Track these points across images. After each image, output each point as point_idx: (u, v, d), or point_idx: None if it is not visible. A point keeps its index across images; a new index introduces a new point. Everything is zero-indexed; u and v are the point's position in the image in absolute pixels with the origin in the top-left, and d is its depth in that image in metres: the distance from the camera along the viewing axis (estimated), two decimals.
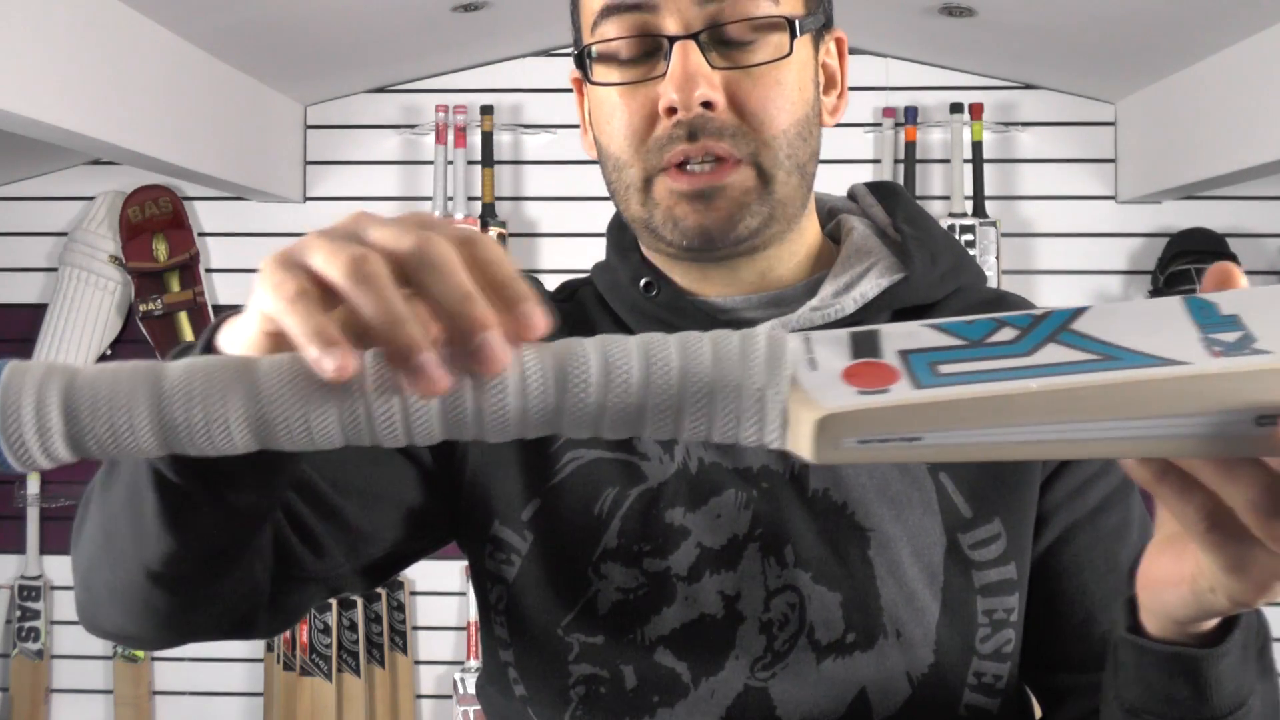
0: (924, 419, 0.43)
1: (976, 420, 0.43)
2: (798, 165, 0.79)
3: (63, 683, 2.95)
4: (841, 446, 0.43)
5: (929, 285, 0.84)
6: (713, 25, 0.75)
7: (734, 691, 0.77)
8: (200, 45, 2.37)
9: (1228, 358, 0.42)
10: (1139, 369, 0.42)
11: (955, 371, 0.44)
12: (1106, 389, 0.42)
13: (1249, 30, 2.20)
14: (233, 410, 0.46)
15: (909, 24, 2.57)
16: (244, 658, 2.93)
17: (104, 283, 2.89)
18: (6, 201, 2.99)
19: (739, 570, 0.78)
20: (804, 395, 0.44)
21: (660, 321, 0.82)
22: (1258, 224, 2.86)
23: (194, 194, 2.94)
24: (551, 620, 0.80)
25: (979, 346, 0.46)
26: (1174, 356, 0.43)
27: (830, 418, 0.43)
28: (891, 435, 0.43)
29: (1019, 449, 0.43)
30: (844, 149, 2.90)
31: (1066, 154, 2.88)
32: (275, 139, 2.83)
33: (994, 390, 0.42)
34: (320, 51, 2.60)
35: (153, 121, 2.19)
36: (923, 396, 0.43)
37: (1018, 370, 0.43)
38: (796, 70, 0.78)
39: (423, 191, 2.91)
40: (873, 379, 0.44)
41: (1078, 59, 2.64)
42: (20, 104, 1.76)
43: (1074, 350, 0.44)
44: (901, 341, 0.46)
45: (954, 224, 2.76)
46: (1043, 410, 0.42)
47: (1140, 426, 0.43)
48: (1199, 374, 0.42)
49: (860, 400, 0.43)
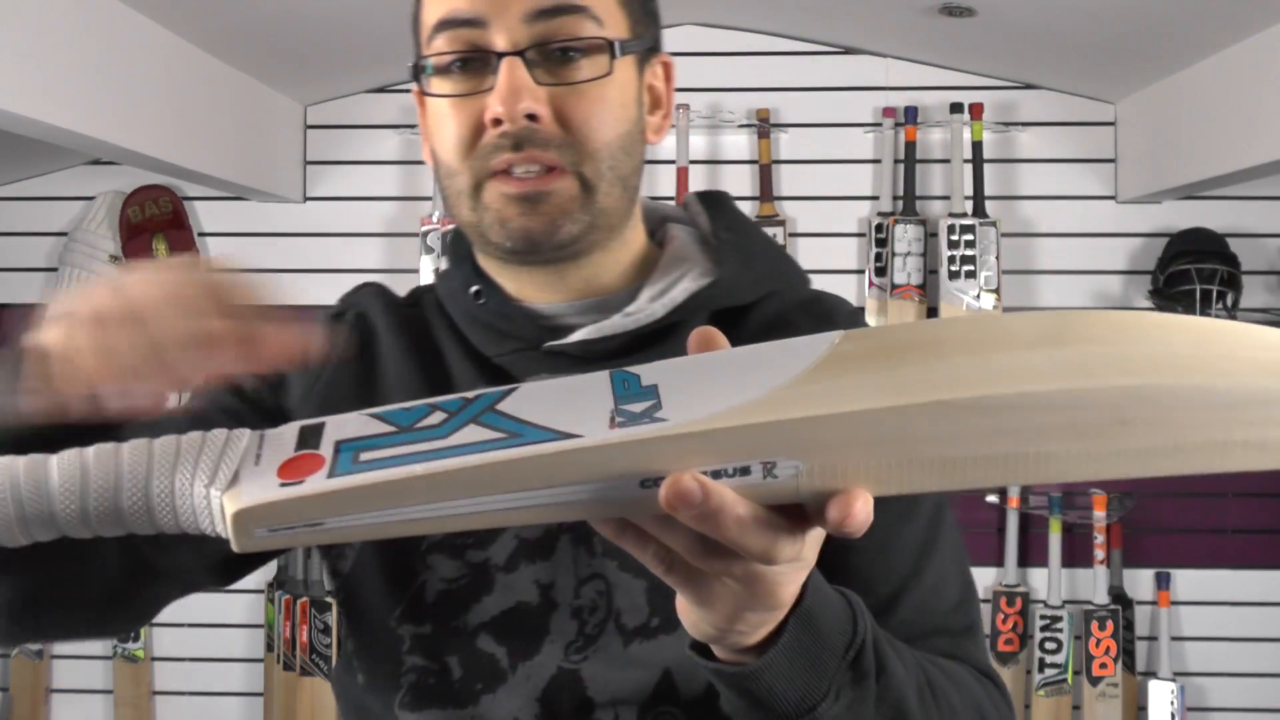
0: (320, 507, 0.47)
1: (368, 504, 0.47)
2: (619, 177, 0.83)
3: (63, 683, 2.96)
4: (255, 536, 0.47)
5: (740, 288, 0.88)
6: (538, 44, 0.79)
7: (548, 674, 0.81)
8: (200, 45, 2.37)
9: (622, 429, 0.47)
10: (528, 446, 0.46)
11: (373, 458, 0.48)
12: (485, 468, 0.46)
13: (1249, 30, 2.20)
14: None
15: (909, 24, 2.57)
16: (244, 658, 2.94)
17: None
18: (6, 201, 2.99)
19: (553, 560, 0.82)
20: (235, 491, 0.48)
21: (489, 327, 0.87)
22: (1258, 224, 2.86)
23: (194, 194, 2.94)
24: (384, 611, 0.84)
25: (406, 432, 0.49)
26: (571, 430, 0.47)
27: (241, 513, 0.47)
28: (295, 523, 0.47)
29: (418, 525, 0.48)
30: (844, 149, 2.90)
31: (1066, 154, 2.88)
32: (275, 139, 2.83)
33: (385, 476, 0.46)
34: (320, 51, 2.60)
35: (153, 121, 2.19)
36: (321, 486, 0.47)
37: (430, 453, 0.47)
38: (619, 89, 0.83)
39: (422, 191, 2.91)
40: (299, 470, 0.48)
41: (1078, 59, 2.64)
42: (20, 104, 1.76)
43: (488, 430, 0.48)
44: (340, 431, 0.50)
45: (954, 224, 2.76)
46: (428, 491, 0.47)
47: (532, 496, 0.47)
48: (579, 447, 0.46)
49: (272, 493, 0.47)
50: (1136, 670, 2.80)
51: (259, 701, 2.88)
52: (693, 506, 0.46)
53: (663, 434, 0.46)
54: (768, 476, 0.47)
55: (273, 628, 2.82)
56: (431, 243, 2.76)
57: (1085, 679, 2.75)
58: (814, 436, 0.46)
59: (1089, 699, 2.74)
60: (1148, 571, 2.85)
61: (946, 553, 0.84)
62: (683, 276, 0.87)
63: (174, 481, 0.49)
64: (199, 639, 2.94)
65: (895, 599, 0.81)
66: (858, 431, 0.46)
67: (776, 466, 0.47)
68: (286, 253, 2.93)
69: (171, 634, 2.94)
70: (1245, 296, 2.78)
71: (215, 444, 0.50)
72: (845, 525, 0.48)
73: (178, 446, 0.50)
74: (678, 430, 0.46)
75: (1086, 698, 2.74)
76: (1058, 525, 2.81)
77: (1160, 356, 0.48)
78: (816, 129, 2.90)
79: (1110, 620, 2.75)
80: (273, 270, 2.86)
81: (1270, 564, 2.84)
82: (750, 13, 2.73)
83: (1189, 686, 2.79)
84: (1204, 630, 2.85)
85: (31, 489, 0.50)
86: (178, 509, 0.50)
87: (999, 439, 0.47)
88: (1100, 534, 2.80)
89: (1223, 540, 2.85)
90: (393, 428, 0.50)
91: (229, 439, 0.51)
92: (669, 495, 0.46)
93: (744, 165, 2.91)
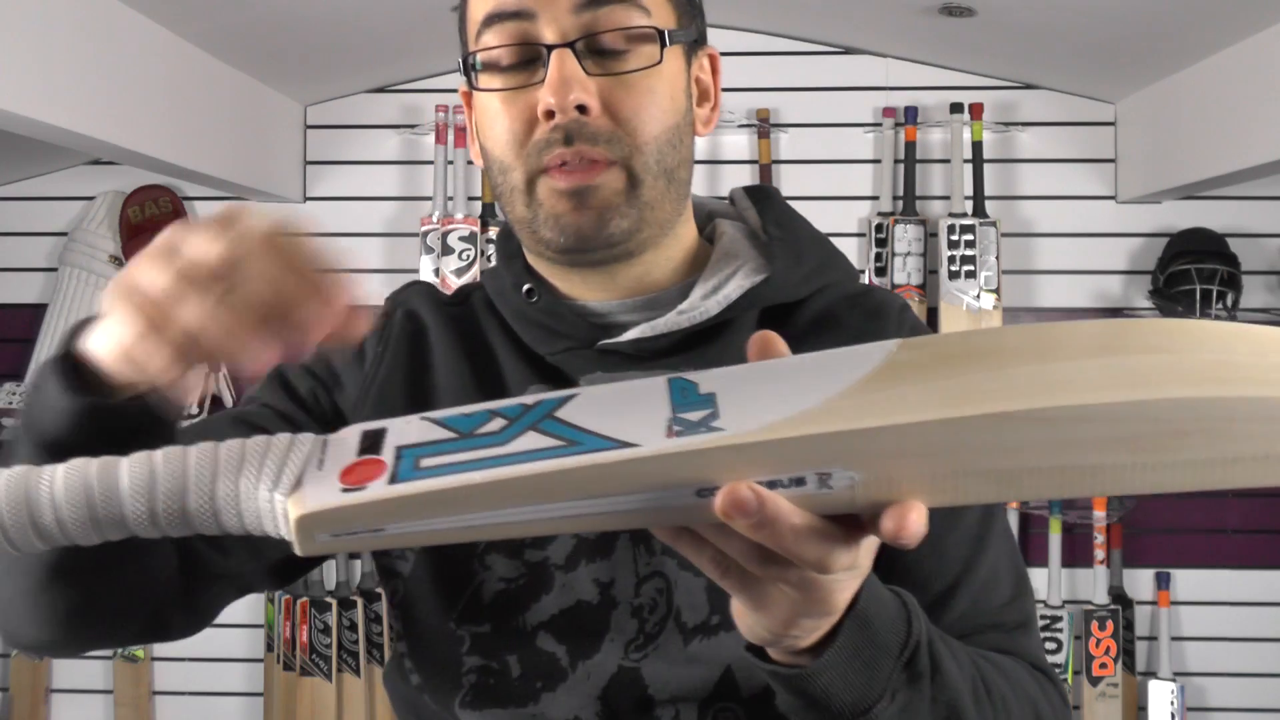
0: (382, 513, 0.47)
1: (429, 511, 0.47)
2: (666, 170, 0.82)
3: (63, 683, 2.95)
4: (317, 540, 0.48)
5: (792, 284, 0.87)
6: (588, 34, 0.79)
7: (609, 672, 0.81)
8: (200, 45, 2.37)
9: (680, 438, 0.47)
10: (586, 454, 0.47)
11: (434, 465, 0.48)
12: (543, 476, 0.47)
13: (1249, 30, 2.20)
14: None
15: (909, 24, 2.57)
16: (244, 658, 2.94)
17: (104, 283, 2.89)
18: (6, 201, 2.99)
19: (612, 559, 0.82)
20: (299, 495, 0.49)
21: (541, 325, 0.86)
22: (1258, 224, 2.86)
23: (194, 194, 2.94)
24: (442, 613, 0.84)
25: (466, 438, 0.50)
26: (629, 439, 0.47)
27: (304, 517, 0.48)
28: (358, 529, 0.48)
29: (478, 531, 0.48)
30: (844, 149, 2.90)
31: (1066, 154, 2.88)
32: (275, 139, 2.83)
33: (446, 483, 0.47)
34: (320, 51, 2.60)
35: (153, 121, 2.19)
36: (383, 493, 0.47)
37: (490, 460, 0.48)
38: (668, 80, 0.83)
39: (422, 191, 2.91)
40: (361, 476, 0.49)
41: (1078, 59, 2.64)
42: (20, 104, 1.76)
43: (546, 437, 0.49)
44: (401, 436, 0.51)
45: (954, 224, 2.76)
46: (487, 499, 0.47)
47: (590, 505, 0.47)
48: (635, 457, 0.46)
49: (336, 498, 0.48)
50: (1136, 670, 2.80)
51: (259, 701, 2.88)
52: (749, 516, 0.47)
53: (719, 444, 0.46)
54: (823, 487, 0.47)
55: (273, 628, 2.82)
56: (431, 243, 2.76)
57: (1085, 679, 2.75)
58: (869, 447, 0.46)
59: (1089, 699, 2.74)
60: (1148, 571, 2.85)
61: (999, 547, 0.84)
62: (735, 273, 0.87)
63: (239, 485, 0.50)
64: (199, 639, 2.90)
65: (949, 595, 0.81)
66: (913, 443, 0.46)
67: (832, 477, 0.47)
68: None
69: None
70: (1245, 296, 2.78)
71: (279, 448, 0.51)
72: (900, 537, 0.48)
73: (243, 450, 0.51)
74: (734, 441, 0.46)
75: (1086, 698, 2.74)
76: (1058, 525, 2.81)
77: (1220, 366, 0.47)
78: (816, 129, 2.90)
79: (1110, 620, 2.75)
80: None
81: (1270, 564, 2.84)
82: (750, 13, 2.73)
83: (1189, 686, 2.79)
84: (1204, 630, 2.85)
85: (103, 492, 0.51)
86: (243, 512, 0.50)
87: (1056, 451, 0.46)
88: (1100, 534, 2.80)
89: (1223, 540, 2.85)
90: (453, 434, 0.50)
91: (293, 443, 0.51)
92: (725, 505, 0.46)
93: (744, 165, 2.91)
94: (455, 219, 2.78)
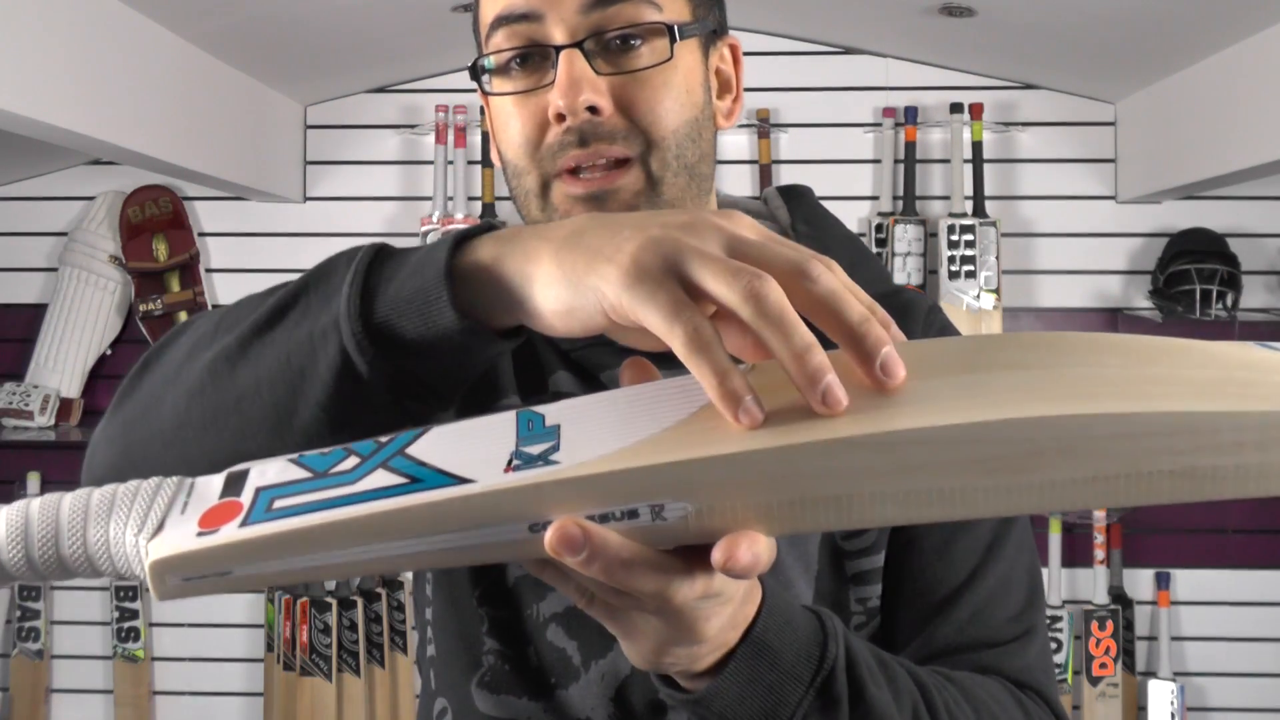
0: (228, 557, 0.47)
1: (274, 553, 0.47)
2: (686, 166, 0.81)
3: (63, 683, 2.95)
4: (169, 585, 0.48)
5: None
6: (596, 33, 0.78)
7: (622, 675, 0.80)
8: (200, 45, 2.37)
9: (515, 473, 0.46)
10: (421, 493, 0.46)
11: (285, 506, 0.48)
12: (378, 516, 0.46)
13: (1249, 30, 2.20)
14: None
15: (909, 24, 2.57)
16: (244, 658, 2.94)
17: (104, 283, 2.89)
18: (6, 201, 2.99)
19: None
20: (158, 540, 0.48)
21: None
22: (1258, 224, 2.86)
23: (194, 194, 2.94)
24: (466, 590, 0.85)
25: (320, 477, 0.49)
26: (467, 475, 0.47)
27: (157, 563, 0.47)
28: (206, 573, 0.47)
29: (325, 571, 0.48)
30: (844, 149, 2.90)
31: (1066, 154, 2.88)
32: (275, 139, 2.83)
33: (288, 526, 0.46)
34: (320, 51, 2.60)
35: (153, 121, 2.19)
36: (230, 536, 0.47)
37: (336, 500, 0.47)
38: (683, 74, 0.80)
39: (422, 191, 2.91)
40: (217, 519, 0.48)
41: (1078, 59, 2.64)
42: (20, 104, 1.76)
43: (393, 475, 0.48)
44: (261, 477, 0.50)
45: (954, 224, 2.76)
46: (327, 540, 0.47)
47: (427, 542, 0.47)
48: (467, 494, 0.46)
49: (189, 543, 0.47)
50: (1136, 670, 2.80)
51: (259, 701, 2.88)
52: (575, 552, 0.46)
53: (548, 479, 0.46)
54: (657, 519, 0.46)
55: (273, 628, 2.82)
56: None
57: (1085, 679, 2.75)
58: (700, 478, 0.45)
59: (1089, 699, 2.74)
60: (1148, 571, 2.85)
61: (1013, 559, 0.82)
62: None
63: (109, 530, 0.50)
64: (199, 639, 2.94)
65: (949, 604, 0.80)
66: (744, 472, 0.45)
67: (665, 509, 0.46)
68: (286, 253, 2.93)
69: (171, 634, 2.94)
70: (1245, 296, 2.78)
71: (147, 492, 0.51)
72: (728, 567, 0.46)
73: (114, 495, 0.51)
74: (563, 475, 0.46)
75: (1086, 698, 2.74)
76: (1057, 525, 2.81)
77: (1084, 381, 0.45)
78: (816, 129, 2.90)
79: (1110, 620, 2.75)
80: (273, 270, 2.87)
81: (1270, 564, 2.84)
82: (750, 13, 2.73)
83: (1189, 686, 2.79)
84: (1204, 630, 2.85)
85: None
86: (114, 557, 0.50)
87: (899, 476, 0.45)
88: (1100, 534, 2.80)
89: (1223, 540, 2.85)
90: (309, 473, 0.50)
91: (160, 486, 0.51)
92: (552, 541, 0.46)
93: (744, 165, 2.91)
94: (455, 219, 2.78)
